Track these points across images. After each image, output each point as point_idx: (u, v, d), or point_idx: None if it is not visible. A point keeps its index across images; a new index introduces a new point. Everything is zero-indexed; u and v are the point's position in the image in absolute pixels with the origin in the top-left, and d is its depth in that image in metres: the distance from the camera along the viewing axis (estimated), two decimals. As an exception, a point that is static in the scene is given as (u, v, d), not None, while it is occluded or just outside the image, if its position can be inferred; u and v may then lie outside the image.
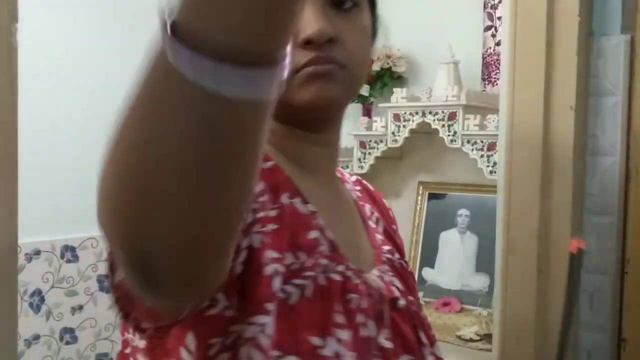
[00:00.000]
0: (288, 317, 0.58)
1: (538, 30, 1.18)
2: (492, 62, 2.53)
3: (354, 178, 0.94)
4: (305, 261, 0.62)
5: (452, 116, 2.41)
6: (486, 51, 2.55)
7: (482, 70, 2.57)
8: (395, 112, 2.58)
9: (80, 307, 2.36)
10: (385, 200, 0.95)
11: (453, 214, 2.75)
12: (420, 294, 2.75)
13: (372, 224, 0.82)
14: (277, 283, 0.58)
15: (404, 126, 2.55)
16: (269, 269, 0.58)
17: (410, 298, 0.78)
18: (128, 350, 0.64)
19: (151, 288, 0.42)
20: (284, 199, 0.64)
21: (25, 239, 2.15)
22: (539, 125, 1.19)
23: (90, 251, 2.39)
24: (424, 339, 0.77)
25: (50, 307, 2.27)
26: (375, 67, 2.77)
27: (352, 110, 2.99)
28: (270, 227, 0.60)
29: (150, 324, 0.54)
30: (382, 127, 2.62)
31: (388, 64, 2.76)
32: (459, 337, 2.40)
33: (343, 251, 0.68)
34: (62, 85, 2.30)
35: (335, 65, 0.66)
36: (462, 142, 2.40)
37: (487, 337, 2.33)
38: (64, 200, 2.31)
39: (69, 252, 2.33)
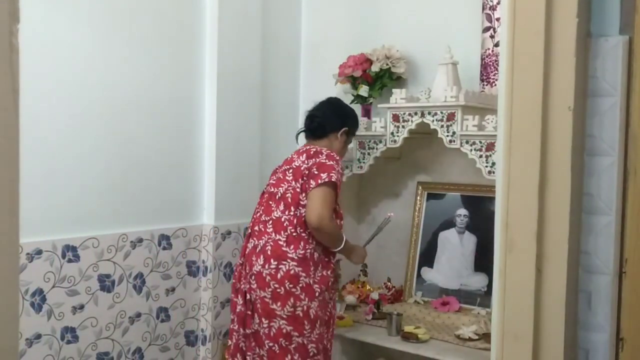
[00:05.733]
0: None
1: (536, 31, 1.19)
2: (491, 63, 2.53)
3: None
4: None
5: (450, 117, 2.42)
6: (485, 52, 2.56)
7: (481, 71, 2.58)
8: (394, 112, 2.59)
9: (81, 307, 2.37)
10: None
11: (452, 213, 2.76)
12: (419, 294, 2.76)
13: None
14: None
15: (403, 126, 2.55)
16: None
17: None
18: None
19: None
20: None
21: (27, 239, 2.16)
22: (537, 125, 1.19)
23: (91, 251, 2.40)
24: None
25: (52, 307, 2.28)
26: (375, 68, 2.78)
27: (352, 111, 2.99)
28: None
29: None
30: (382, 127, 2.63)
31: (387, 64, 2.76)
32: (458, 337, 2.41)
33: None
34: (63, 87, 2.31)
35: None
36: (461, 143, 2.41)
37: (485, 337, 2.34)
38: (65, 200, 2.32)
39: (70, 252, 2.33)
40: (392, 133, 2.59)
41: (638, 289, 1.18)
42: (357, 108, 2.93)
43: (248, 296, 2.26)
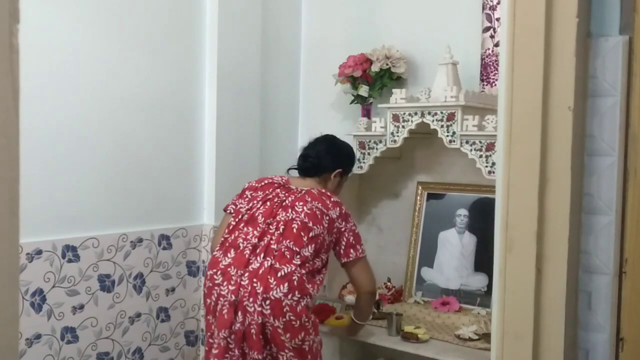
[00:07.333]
0: None
1: (536, 31, 1.19)
2: (491, 63, 2.54)
3: None
4: None
5: (450, 117, 2.42)
6: (485, 52, 2.56)
7: (481, 71, 2.58)
8: (394, 112, 2.59)
9: (81, 307, 2.37)
10: None
11: (452, 213, 2.76)
12: (419, 294, 2.76)
13: None
14: None
15: (403, 127, 2.55)
16: None
17: None
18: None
19: None
20: None
21: (27, 239, 2.16)
22: (537, 125, 1.19)
23: (91, 251, 2.40)
24: None
25: (52, 307, 2.28)
26: (375, 68, 2.78)
27: (352, 111, 2.99)
28: None
29: None
30: (382, 127, 2.63)
31: (387, 64, 2.76)
32: (458, 337, 2.41)
33: None
34: (64, 87, 2.31)
35: None
36: (461, 143, 2.41)
37: (485, 337, 2.34)
38: (65, 200, 2.32)
39: (70, 252, 2.33)
40: (392, 133, 2.59)
41: (638, 289, 1.18)
42: (357, 108, 2.93)
43: (261, 319, 2.07)
